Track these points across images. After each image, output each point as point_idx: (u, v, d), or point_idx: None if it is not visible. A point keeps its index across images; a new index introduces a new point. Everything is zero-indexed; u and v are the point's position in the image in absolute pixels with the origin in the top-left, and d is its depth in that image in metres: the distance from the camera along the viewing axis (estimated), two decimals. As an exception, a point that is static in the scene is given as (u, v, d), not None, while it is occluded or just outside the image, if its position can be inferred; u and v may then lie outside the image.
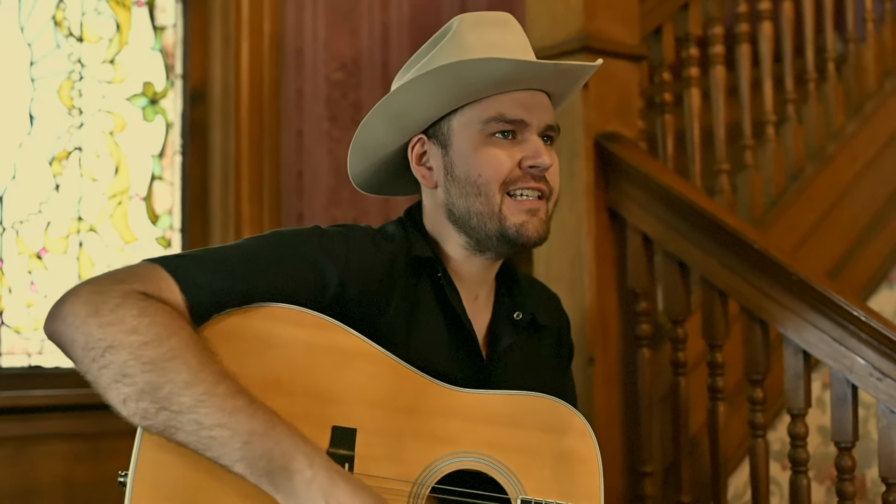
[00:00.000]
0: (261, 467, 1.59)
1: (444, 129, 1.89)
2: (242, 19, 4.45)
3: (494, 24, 1.90)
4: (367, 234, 1.89)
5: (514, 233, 1.85)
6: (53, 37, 4.20)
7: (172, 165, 4.46)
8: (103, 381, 1.61)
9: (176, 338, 1.61)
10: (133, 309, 1.61)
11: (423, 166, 1.93)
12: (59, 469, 3.74)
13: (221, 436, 1.59)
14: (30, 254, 4.09)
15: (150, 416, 1.60)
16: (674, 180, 2.98)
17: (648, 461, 3.02)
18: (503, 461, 1.80)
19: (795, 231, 3.68)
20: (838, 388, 2.60)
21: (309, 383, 1.72)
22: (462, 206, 1.87)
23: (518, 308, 2.00)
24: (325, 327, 1.75)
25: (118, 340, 1.59)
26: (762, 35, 3.70)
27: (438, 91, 1.83)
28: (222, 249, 1.80)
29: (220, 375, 1.62)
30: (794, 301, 2.67)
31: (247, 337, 1.72)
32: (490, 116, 1.85)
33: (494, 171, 1.84)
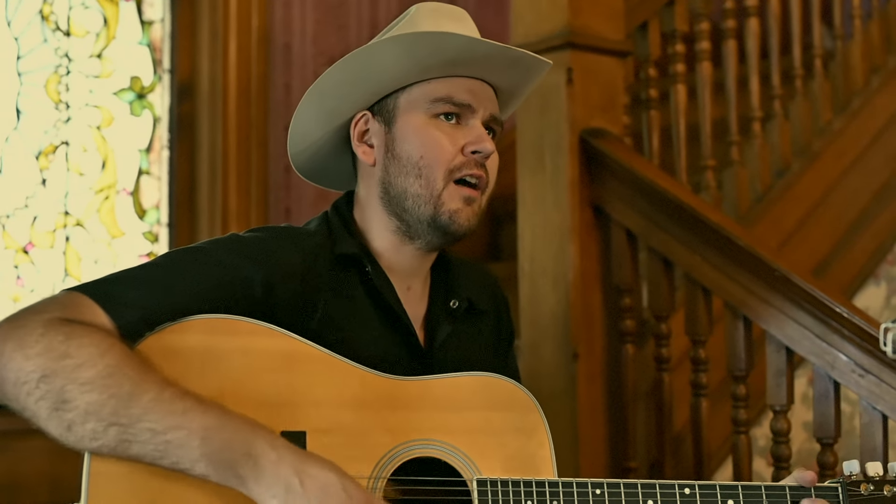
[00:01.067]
0: (223, 460, 1.57)
1: (389, 105, 1.87)
2: (230, 14, 4.45)
3: (451, 16, 1.89)
4: (286, 234, 1.87)
5: (447, 219, 1.83)
6: (40, 31, 4.20)
7: (160, 160, 4.45)
8: (43, 413, 1.56)
9: (109, 354, 1.58)
10: (58, 335, 1.58)
11: (365, 143, 1.90)
12: (43, 464, 3.73)
13: (178, 437, 1.56)
14: (16, 248, 4.09)
15: (99, 436, 1.56)
16: (658, 176, 2.98)
17: (633, 457, 3.03)
18: (455, 444, 1.79)
19: (782, 227, 3.68)
20: (821, 384, 2.61)
21: (252, 392, 1.70)
22: (399, 185, 1.85)
23: (454, 295, 1.97)
24: (260, 333, 1.73)
25: (50, 368, 1.55)
26: (749, 31, 3.70)
27: (389, 63, 1.82)
28: (142, 268, 1.76)
29: (163, 382, 1.59)
30: (776, 297, 2.68)
31: (183, 353, 1.69)
32: (438, 97, 1.84)
33: (438, 155, 1.83)
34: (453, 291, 1.98)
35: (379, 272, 1.88)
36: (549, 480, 1.77)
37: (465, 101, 1.85)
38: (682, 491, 1.82)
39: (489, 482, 1.76)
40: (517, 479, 1.76)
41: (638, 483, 1.80)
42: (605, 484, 1.78)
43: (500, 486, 1.76)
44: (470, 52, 1.83)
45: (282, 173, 4.49)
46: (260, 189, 4.42)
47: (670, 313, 2.99)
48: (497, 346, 2.09)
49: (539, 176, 3.09)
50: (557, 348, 3.01)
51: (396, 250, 1.91)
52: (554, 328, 3.02)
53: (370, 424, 1.76)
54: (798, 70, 3.88)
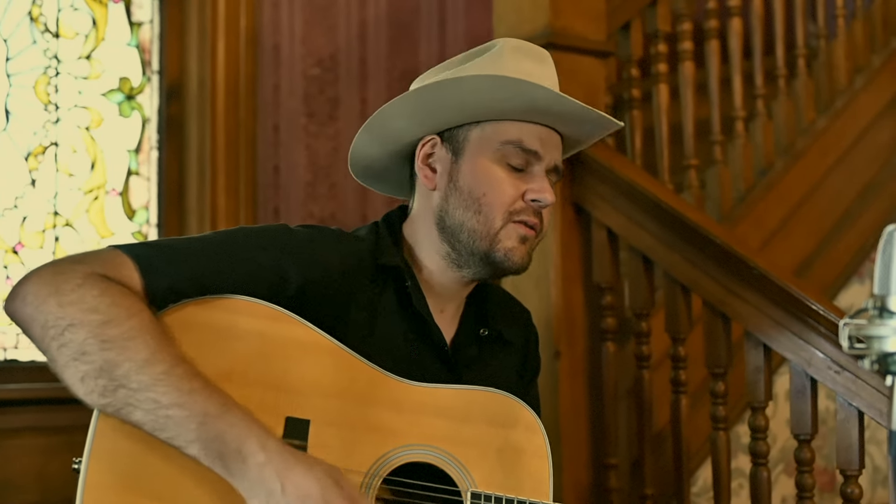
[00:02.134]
0: (214, 449, 1.61)
1: (459, 136, 1.91)
2: (219, 15, 4.47)
3: (535, 57, 1.93)
4: (333, 237, 1.91)
5: (503, 255, 1.88)
6: (30, 32, 4.22)
7: (149, 161, 4.47)
8: (62, 360, 1.62)
9: (136, 318, 1.64)
10: (94, 289, 1.64)
11: (428, 166, 1.94)
12: (34, 462, 3.75)
13: (177, 415, 1.60)
14: (6, 248, 4.10)
15: (108, 394, 1.61)
16: (638, 175, 3.00)
17: (613, 454, 3.05)
18: (454, 454, 1.82)
19: (765, 226, 3.71)
20: (797, 381, 2.63)
21: (264, 374, 1.74)
22: (457, 218, 1.89)
23: (484, 324, 2.03)
24: (281, 319, 1.77)
25: (78, 319, 1.62)
26: (732, 31, 3.72)
27: (468, 98, 1.85)
28: (186, 240, 1.81)
29: (178, 358, 1.64)
30: (754, 295, 2.70)
31: (204, 327, 1.73)
32: (509, 139, 1.88)
33: (499, 197, 1.87)
34: (485, 321, 2.03)
35: (416, 288, 1.92)
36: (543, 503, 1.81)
37: (534, 148, 1.89)
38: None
39: (483, 496, 1.79)
40: (511, 497, 1.79)
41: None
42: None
43: (494, 501, 1.78)
44: (554, 106, 1.87)
45: (270, 173, 4.51)
46: (248, 189, 4.44)
47: (650, 311, 3.01)
48: (520, 379, 2.13)
49: (521, 175, 3.11)
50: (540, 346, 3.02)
51: (441, 273, 1.95)
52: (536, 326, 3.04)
53: (374, 422, 1.79)
54: (781, 70, 3.90)
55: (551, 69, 1.95)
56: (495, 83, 1.82)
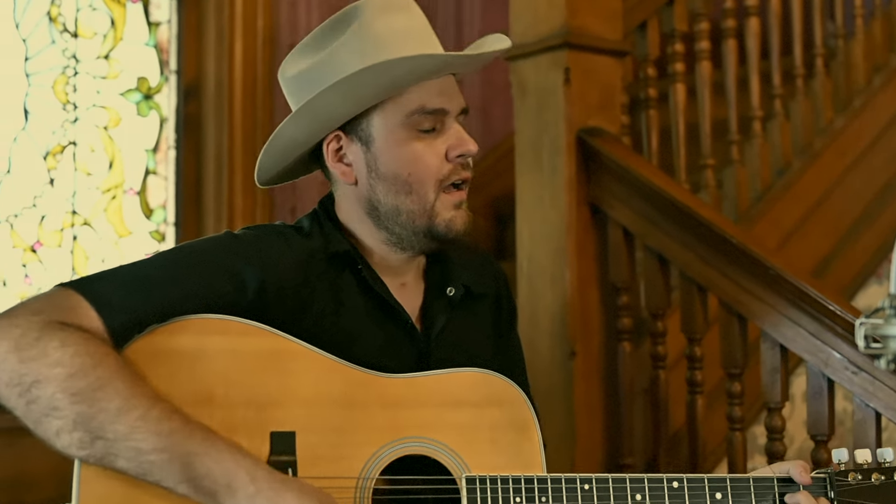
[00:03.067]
0: (204, 487, 1.59)
1: (363, 125, 1.84)
2: (236, 15, 4.48)
3: (398, 7, 1.86)
4: (281, 234, 1.87)
5: (444, 228, 1.84)
6: (48, 32, 4.24)
7: (166, 160, 4.49)
8: (32, 416, 1.58)
9: (101, 367, 1.60)
10: (53, 341, 1.59)
11: (342, 163, 1.87)
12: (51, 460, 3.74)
13: (160, 459, 1.58)
14: (24, 247, 4.13)
15: (86, 446, 1.58)
16: (654, 175, 3.00)
17: (628, 454, 3.04)
18: (444, 442, 1.80)
19: (782, 226, 3.69)
20: (814, 381, 2.62)
21: (242, 392, 1.71)
22: (390, 203, 1.84)
23: (449, 282, 1.96)
24: (250, 332, 1.74)
25: (43, 374, 1.57)
26: (749, 31, 3.71)
27: (358, 90, 1.80)
28: (136, 266, 1.77)
29: (152, 399, 1.61)
30: (771, 295, 2.69)
31: (173, 354, 1.70)
32: (412, 109, 1.82)
33: (425, 171, 1.82)
34: (449, 279, 1.97)
35: (369, 270, 1.88)
36: (538, 476, 1.77)
37: (439, 105, 1.83)
38: (671, 484, 1.80)
39: (478, 479, 1.76)
40: (506, 476, 1.76)
41: (626, 477, 1.79)
42: (594, 479, 1.78)
43: (489, 483, 1.76)
44: (443, 65, 1.83)
45: (287, 173, 4.52)
46: (265, 188, 4.44)
47: (666, 311, 3.01)
48: (497, 328, 2.07)
49: (537, 175, 3.11)
50: (555, 346, 3.03)
51: (387, 254, 1.91)
52: (551, 326, 3.04)
53: (359, 423, 1.77)
54: (799, 69, 3.88)
55: (418, 13, 1.88)
56: (380, 69, 1.77)
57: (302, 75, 1.85)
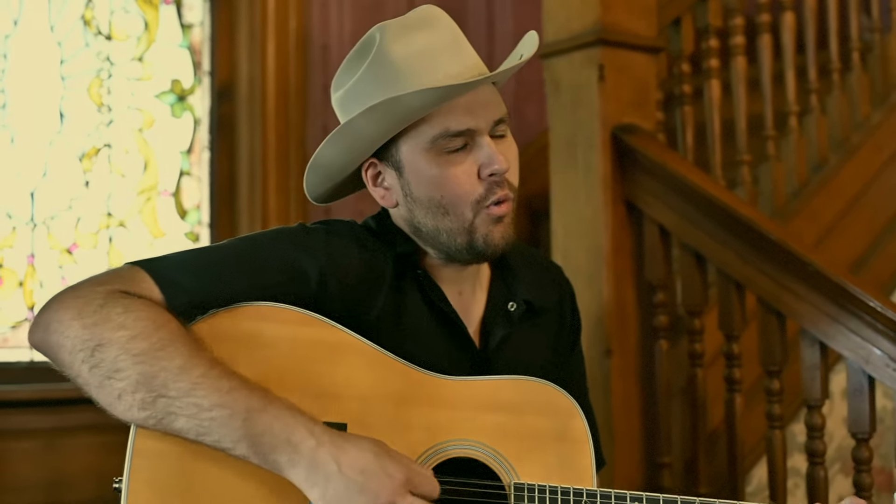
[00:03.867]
0: (263, 443, 1.61)
1: (392, 152, 1.84)
2: (269, 16, 4.49)
3: (418, 26, 1.82)
4: (351, 231, 1.88)
5: (482, 244, 1.83)
6: (82, 35, 4.26)
7: (200, 161, 4.51)
8: (95, 381, 1.62)
9: (164, 329, 1.63)
10: (117, 307, 1.63)
11: (381, 187, 1.88)
12: (90, 461, 3.80)
13: (221, 416, 1.60)
14: (60, 249, 4.15)
15: (148, 406, 1.61)
16: (690, 171, 2.98)
17: (667, 453, 3.02)
18: (495, 447, 1.80)
19: (819, 222, 3.66)
20: (855, 379, 2.60)
21: (297, 380, 1.73)
22: (430, 224, 1.84)
23: (512, 297, 1.97)
24: (309, 323, 1.76)
25: (106, 338, 1.61)
26: (784, 25, 3.68)
27: (378, 122, 1.79)
28: (204, 251, 1.80)
29: (213, 360, 1.64)
30: (810, 292, 2.67)
31: (232, 338, 1.72)
32: (435, 134, 1.79)
33: (458, 191, 1.80)
34: (512, 293, 1.98)
35: (427, 277, 1.89)
36: (588, 490, 1.77)
37: (463, 126, 1.80)
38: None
39: (526, 487, 1.76)
40: (554, 486, 1.76)
41: (678, 498, 1.76)
42: (644, 497, 1.76)
43: (537, 492, 1.76)
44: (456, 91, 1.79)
45: (320, 173, 4.52)
46: (299, 188, 4.44)
47: (704, 309, 2.99)
48: (558, 343, 2.07)
49: (571, 173, 3.10)
50: (591, 344, 3.01)
51: (441, 264, 1.91)
52: (587, 324, 3.02)
53: (411, 421, 1.77)
54: (835, 64, 3.85)
55: (442, 26, 1.83)
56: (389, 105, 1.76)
57: (340, 98, 1.87)
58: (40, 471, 3.81)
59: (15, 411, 3.81)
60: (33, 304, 4.05)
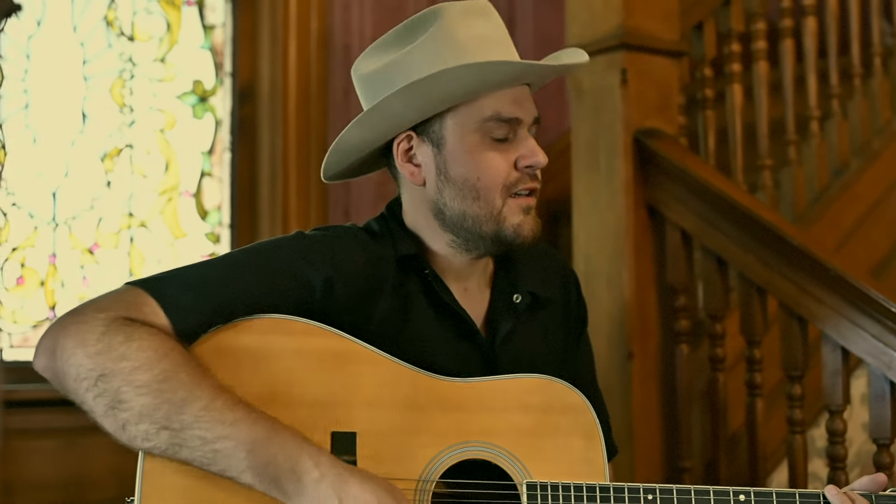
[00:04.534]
0: (268, 474, 1.61)
1: (435, 127, 1.85)
2: (290, 17, 4.50)
3: (479, 13, 1.86)
4: (351, 235, 1.88)
5: (512, 233, 1.84)
6: (105, 36, 4.28)
7: (221, 162, 4.52)
8: (99, 410, 1.62)
9: (166, 359, 1.63)
10: (119, 335, 1.63)
11: (411, 163, 1.88)
12: (110, 460, 3.80)
13: (225, 447, 1.60)
14: (82, 249, 4.17)
15: (152, 437, 1.61)
16: (712, 176, 2.98)
17: (687, 456, 3.03)
18: (505, 447, 1.80)
19: (840, 227, 3.65)
20: (877, 384, 2.59)
21: (304, 391, 1.73)
22: (457, 208, 1.85)
23: (516, 289, 1.97)
24: (315, 333, 1.76)
25: (108, 368, 1.61)
26: (806, 30, 3.68)
27: (433, 93, 1.80)
28: (203, 266, 1.79)
29: (216, 389, 1.63)
30: (832, 297, 2.67)
31: (238, 352, 1.72)
32: (487, 116, 1.82)
33: (494, 176, 1.83)
34: (516, 285, 1.97)
35: (434, 275, 1.89)
36: (601, 485, 1.76)
37: (514, 115, 1.84)
38: (737, 498, 1.78)
39: (539, 485, 1.76)
40: (567, 483, 1.76)
41: (691, 489, 1.77)
42: (658, 489, 1.76)
43: (550, 490, 1.76)
44: (528, 75, 1.84)
45: (341, 174, 4.54)
46: (319, 190, 4.46)
47: (725, 313, 2.99)
48: (567, 334, 2.07)
49: (594, 176, 3.10)
50: (612, 348, 3.02)
51: (452, 257, 1.91)
52: (609, 328, 3.03)
53: (421, 426, 1.77)
54: (857, 68, 3.84)
55: (497, 20, 1.88)
56: (461, 73, 1.78)
57: (375, 74, 1.86)
58: (60, 470, 3.83)
59: (35, 410, 3.82)
60: (55, 304, 4.07)
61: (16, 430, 3.65)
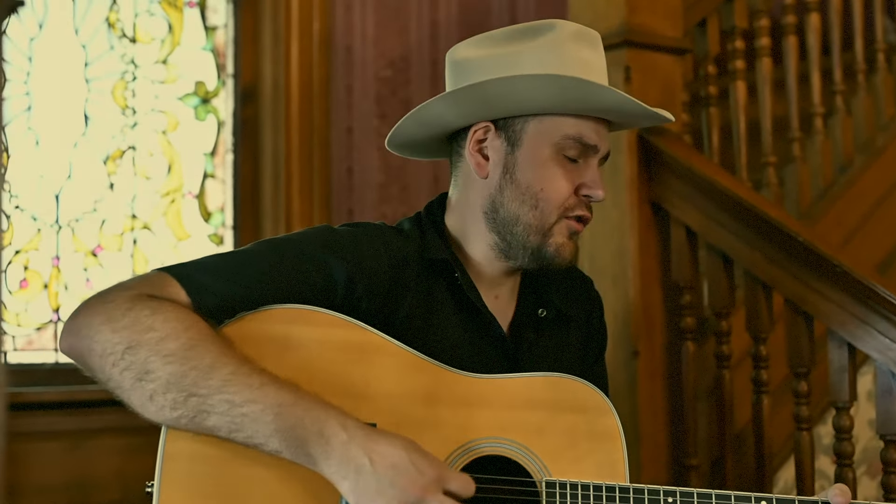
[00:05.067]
0: (295, 437, 1.62)
1: (516, 126, 1.90)
2: (292, 19, 4.50)
3: (589, 43, 1.92)
4: (378, 232, 1.90)
5: (553, 251, 1.89)
6: (107, 38, 4.28)
7: (224, 163, 4.52)
8: (127, 383, 1.64)
9: (193, 329, 1.66)
10: (145, 309, 1.65)
11: (480, 153, 1.93)
12: (115, 462, 3.81)
13: (253, 411, 1.62)
14: (85, 251, 4.17)
15: (179, 405, 1.63)
16: (717, 173, 2.98)
17: (693, 454, 3.02)
18: (526, 444, 1.80)
19: (844, 224, 3.65)
20: (883, 380, 2.59)
21: (326, 382, 1.74)
22: (512, 211, 1.89)
23: (543, 303, 2.00)
24: (338, 324, 1.77)
25: (135, 340, 1.63)
26: (809, 26, 3.68)
27: (535, 92, 1.84)
28: (230, 255, 1.82)
29: (242, 358, 1.66)
30: (838, 294, 2.66)
31: (262, 340, 1.74)
32: (570, 134, 1.88)
33: (557, 193, 1.88)
34: (542, 300, 2.01)
35: (467, 279, 1.91)
36: (620, 485, 1.77)
37: (594, 142, 1.90)
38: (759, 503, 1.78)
39: (558, 484, 1.77)
40: (586, 483, 1.77)
41: (712, 493, 1.78)
42: (678, 492, 1.77)
43: (570, 489, 1.77)
44: (617, 107, 1.88)
45: (344, 174, 4.54)
46: (322, 191, 4.46)
47: (730, 310, 2.98)
48: (585, 354, 2.10)
49: (598, 174, 3.10)
50: (617, 346, 3.01)
51: (489, 262, 1.95)
52: (614, 326, 3.03)
53: (441, 420, 1.78)
54: (860, 65, 3.84)
55: (602, 54, 1.94)
56: (565, 83, 1.82)
57: (473, 62, 1.90)
58: (65, 472, 3.82)
59: (40, 413, 3.83)
60: (58, 307, 4.07)
61: (20, 433, 3.65)
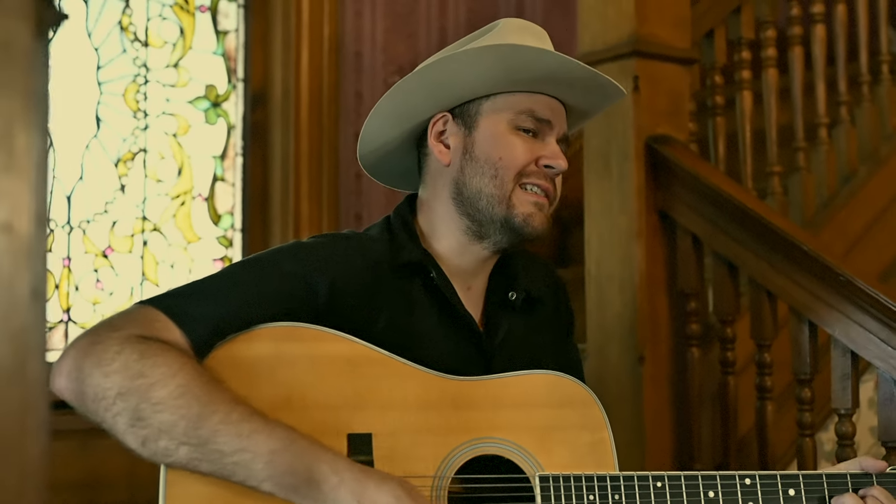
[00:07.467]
0: (287, 483, 1.64)
1: (471, 110, 1.95)
2: (302, 24, 4.54)
3: (535, 35, 1.97)
4: (349, 241, 1.93)
5: (521, 222, 1.91)
6: (119, 42, 4.32)
7: (234, 167, 4.56)
8: (120, 428, 1.64)
9: (181, 374, 1.65)
10: (133, 353, 1.65)
11: (441, 143, 1.97)
12: (123, 462, 3.80)
13: (244, 460, 1.63)
14: (96, 252, 4.21)
15: (172, 453, 1.63)
16: (723, 182, 3.01)
17: (698, 459, 3.05)
18: (517, 441, 1.84)
19: (848, 233, 3.68)
20: (885, 388, 2.62)
21: (318, 396, 1.76)
22: (474, 186, 1.92)
23: (512, 287, 2.03)
24: (325, 339, 1.80)
25: (125, 387, 1.63)
26: (815, 38, 3.71)
27: (483, 71, 1.89)
28: (211, 280, 1.83)
29: (232, 402, 1.66)
30: (841, 302, 2.69)
31: (252, 360, 1.76)
32: (522, 109, 1.93)
33: (514, 159, 1.91)
34: (511, 284, 2.04)
35: (442, 276, 1.94)
36: (611, 474, 1.82)
37: (546, 117, 1.94)
38: (743, 481, 1.83)
39: (551, 477, 1.80)
40: (578, 474, 1.81)
41: (698, 475, 1.83)
42: (666, 476, 1.81)
43: (562, 482, 1.80)
44: (561, 72, 1.91)
45: (353, 179, 4.58)
46: (331, 195, 4.50)
47: (735, 317, 3.02)
48: (555, 335, 2.14)
49: (606, 182, 3.14)
50: (623, 352, 3.05)
51: (462, 251, 1.98)
52: (620, 332, 3.06)
53: (434, 425, 1.82)
54: (865, 76, 3.87)
55: (549, 45, 1.97)
56: (503, 52, 1.86)
57: (437, 59, 1.94)
58: (74, 472, 3.85)
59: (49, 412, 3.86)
60: (69, 307, 4.11)
61: (31, 432, 3.67)
